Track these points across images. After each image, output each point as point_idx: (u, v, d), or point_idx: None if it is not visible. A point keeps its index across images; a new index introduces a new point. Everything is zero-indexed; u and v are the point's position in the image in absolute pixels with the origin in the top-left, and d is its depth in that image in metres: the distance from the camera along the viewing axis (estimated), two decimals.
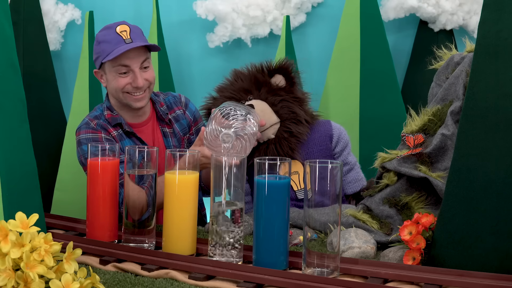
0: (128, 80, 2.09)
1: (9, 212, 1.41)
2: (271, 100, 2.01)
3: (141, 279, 1.45)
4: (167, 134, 2.22)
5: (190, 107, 2.30)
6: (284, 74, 2.06)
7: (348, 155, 2.10)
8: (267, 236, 1.49)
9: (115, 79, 2.09)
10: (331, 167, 1.43)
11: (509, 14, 1.43)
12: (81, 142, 2.08)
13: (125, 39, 2.08)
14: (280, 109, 2.01)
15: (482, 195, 1.43)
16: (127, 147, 1.68)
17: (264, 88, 2.03)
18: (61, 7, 3.13)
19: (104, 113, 2.15)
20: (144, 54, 2.11)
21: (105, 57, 2.06)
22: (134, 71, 2.08)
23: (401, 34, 3.02)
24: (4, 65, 1.48)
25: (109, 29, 2.10)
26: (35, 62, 2.94)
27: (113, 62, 2.07)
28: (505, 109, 1.42)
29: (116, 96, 2.13)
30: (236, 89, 2.05)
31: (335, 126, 2.10)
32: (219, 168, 1.53)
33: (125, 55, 2.06)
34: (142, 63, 2.09)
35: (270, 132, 2.00)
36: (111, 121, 2.13)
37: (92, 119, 2.13)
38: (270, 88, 2.03)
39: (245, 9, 2.93)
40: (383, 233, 1.76)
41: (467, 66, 1.82)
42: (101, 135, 2.09)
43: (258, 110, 1.97)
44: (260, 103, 2.00)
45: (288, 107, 2.02)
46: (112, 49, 2.05)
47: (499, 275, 1.38)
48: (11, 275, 1.17)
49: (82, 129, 2.11)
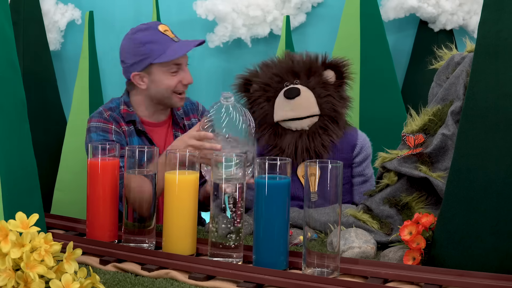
0: (178, 78, 2.11)
1: (9, 212, 1.41)
2: (318, 91, 1.98)
3: (141, 279, 1.45)
4: None
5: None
6: (337, 71, 2.03)
7: (366, 167, 2.07)
8: (267, 236, 1.49)
9: (167, 78, 2.09)
10: (331, 167, 1.43)
11: (509, 14, 1.43)
12: (90, 129, 2.09)
13: (173, 38, 2.10)
14: (324, 103, 1.98)
15: (482, 195, 1.43)
16: (127, 146, 1.68)
17: (314, 78, 1.99)
18: (61, 7, 3.13)
19: (120, 107, 2.15)
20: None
21: (157, 57, 2.06)
22: (183, 69, 2.12)
23: (401, 34, 3.02)
24: (4, 65, 1.48)
25: (150, 29, 2.10)
26: (35, 62, 2.94)
27: (166, 62, 2.08)
28: (505, 109, 1.42)
29: (161, 96, 2.12)
30: (285, 68, 2.01)
31: (360, 136, 2.07)
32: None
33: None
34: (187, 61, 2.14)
35: (306, 123, 1.97)
36: (125, 116, 2.13)
37: (106, 110, 2.14)
38: (320, 80, 2.00)
39: (245, 9, 2.93)
40: (383, 233, 1.76)
41: (467, 66, 1.82)
42: (111, 127, 2.08)
43: (304, 96, 1.95)
44: (306, 91, 1.97)
45: (332, 104, 1.99)
46: (164, 48, 2.06)
47: (499, 275, 1.38)
48: (11, 275, 1.17)
49: (95, 117, 2.12)
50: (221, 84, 3.05)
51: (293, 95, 1.94)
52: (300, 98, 1.95)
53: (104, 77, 3.14)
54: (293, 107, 1.95)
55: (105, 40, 3.14)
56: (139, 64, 2.09)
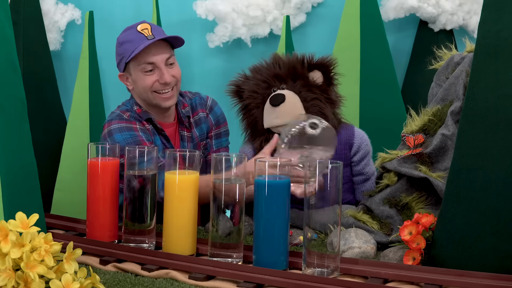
0: (155, 77, 2.06)
1: (9, 212, 1.41)
2: (304, 95, 1.97)
3: (141, 279, 1.45)
4: (185, 138, 2.19)
5: (215, 110, 2.27)
6: (324, 72, 2.01)
7: (366, 166, 2.04)
8: (267, 236, 1.49)
9: (142, 78, 2.06)
10: (331, 167, 1.43)
11: (509, 14, 1.43)
12: (112, 132, 2.03)
13: (147, 36, 2.04)
14: (310, 106, 1.96)
15: (482, 195, 1.43)
16: (126, 146, 1.68)
17: (300, 81, 1.98)
18: (61, 7, 3.13)
19: (134, 108, 2.12)
20: (169, 51, 2.09)
21: (128, 56, 2.03)
22: (159, 68, 2.06)
23: (401, 34, 3.02)
24: (4, 65, 1.48)
25: (130, 29, 2.08)
26: (35, 62, 2.94)
27: (138, 61, 2.05)
28: (505, 109, 1.42)
29: (144, 97, 2.09)
30: (271, 74, 2.00)
31: (357, 135, 2.03)
32: None
33: (150, 52, 2.03)
34: (167, 59, 2.07)
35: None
36: (142, 115, 2.10)
37: (123, 112, 2.10)
38: (305, 83, 1.98)
39: (245, 9, 2.93)
40: (383, 233, 1.76)
41: (467, 66, 1.82)
42: (136, 126, 2.05)
43: (288, 102, 1.94)
44: (292, 95, 1.96)
45: (319, 107, 1.97)
46: (135, 47, 2.02)
47: (499, 275, 1.38)
48: (11, 275, 1.17)
49: (114, 120, 2.07)
50: (221, 84, 3.05)
51: (278, 102, 1.93)
52: (285, 104, 1.93)
53: (104, 77, 3.14)
54: (278, 114, 1.93)
55: (105, 40, 3.14)
56: (121, 64, 2.10)
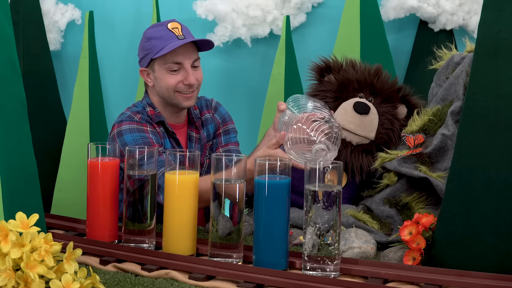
0: (179, 77, 2.05)
1: (9, 212, 1.41)
2: (383, 120, 1.96)
3: (141, 279, 1.45)
4: (193, 139, 2.18)
5: (220, 110, 2.26)
6: (410, 110, 2.01)
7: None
8: (267, 236, 1.49)
9: (166, 77, 2.05)
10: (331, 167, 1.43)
11: (509, 14, 1.43)
12: (122, 132, 2.01)
13: (178, 35, 2.03)
14: (383, 133, 1.95)
15: (482, 195, 1.43)
16: (127, 147, 1.68)
17: (388, 107, 1.98)
18: (61, 7, 3.13)
19: (146, 109, 2.10)
20: (196, 54, 2.08)
21: (156, 53, 2.02)
22: (185, 68, 2.05)
23: (401, 34, 3.02)
24: (4, 65, 1.48)
25: (160, 26, 2.06)
26: (35, 62, 2.94)
27: (165, 59, 2.03)
28: (505, 109, 1.42)
29: (164, 96, 2.08)
30: (368, 81, 1.98)
31: None
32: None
33: (179, 52, 2.02)
34: (194, 61, 2.07)
35: (355, 139, 1.94)
36: (154, 118, 2.08)
37: (135, 113, 2.07)
38: (392, 111, 1.98)
39: (245, 9, 2.93)
40: (383, 233, 1.76)
41: (467, 66, 1.82)
42: (147, 128, 2.03)
43: (370, 116, 1.93)
44: (374, 114, 1.95)
45: (389, 137, 1.96)
46: (164, 45, 2.01)
47: (499, 275, 1.38)
48: (11, 275, 1.17)
49: (125, 121, 2.04)
50: (221, 84, 3.05)
51: (362, 111, 1.92)
52: (366, 117, 1.93)
53: (104, 77, 3.14)
54: (354, 120, 1.93)
55: (105, 40, 3.14)
56: (145, 59, 2.07)
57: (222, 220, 1.53)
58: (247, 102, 2.98)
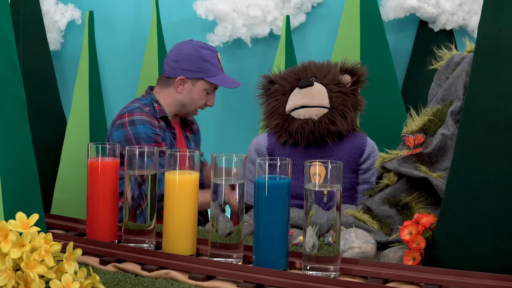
0: (206, 99, 2.41)
1: (9, 212, 1.41)
2: (331, 87, 2.05)
3: (141, 279, 1.45)
4: (190, 139, 2.47)
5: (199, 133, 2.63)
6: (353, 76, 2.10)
7: (373, 175, 2.07)
8: (267, 236, 1.49)
9: (200, 95, 2.39)
10: (331, 167, 1.43)
11: (509, 14, 1.43)
12: (135, 122, 2.23)
13: (222, 68, 2.44)
14: (334, 97, 2.04)
15: (482, 195, 1.43)
16: (127, 147, 1.68)
17: (330, 78, 2.06)
18: (61, 7, 3.13)
19: (154, 104, 2.34)
20: None
21: (210, 77, 2.35)
22: (213, 94, 2.43)
23: (401, 34, 3.02)
24: (4, 65, 1.48)
25: (212, 51, 2.40)
26: (35, 62, 2.94)
27: (210, 84, 2.38)
28: (505, 109, 1.42)
29: (185, 104, 2.39)
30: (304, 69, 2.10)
31: (369, 143, 2.10)
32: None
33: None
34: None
35: (314, 112, 2.02)
36: (160, 113, 2.33)
37: (144, 105, 2.32)
38: (335, 79, 2.07)
39: (245, 9, 2.93)
40: (383, 233, 1.76)
41: (467, 66, 1.82)
42: (155, 122, 2.28)
43: (316, 87, 2.03)
44: (320, 85, 2.05)
45: (343, 99, 2.04)
46: (218, 73, 2.38)
47: (499, 275, 1.38)
48: (11, 275, 1.17)
49: (136, 111, 2.27)
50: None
51: (305, 85, 2.02)
52: (312, 88, 2.02)
53: (104, 77, 3.14)
54: (304, 95, 2.02)
55: (105, 40, 3.15)
56: (192, 73, 2.34)
57: (222, 220, 1.53)
58: (247, 102, 2.98)
